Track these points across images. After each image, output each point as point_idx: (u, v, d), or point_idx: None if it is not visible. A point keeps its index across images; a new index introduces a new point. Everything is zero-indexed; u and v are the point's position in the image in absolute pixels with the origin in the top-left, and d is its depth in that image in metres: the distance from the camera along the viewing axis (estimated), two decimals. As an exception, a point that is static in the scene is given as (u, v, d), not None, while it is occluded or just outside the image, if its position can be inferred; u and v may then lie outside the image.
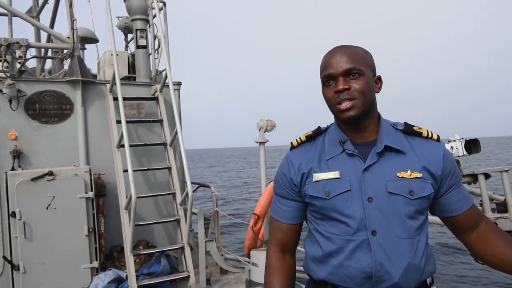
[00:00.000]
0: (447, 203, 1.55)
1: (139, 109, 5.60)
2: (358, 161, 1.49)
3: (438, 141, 1.55)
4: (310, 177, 1.54)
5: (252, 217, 5.04)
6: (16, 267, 4.36)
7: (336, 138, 1.56)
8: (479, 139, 4.70)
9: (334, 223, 1.49)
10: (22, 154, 4.84)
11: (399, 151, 1.49)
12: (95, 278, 4.46)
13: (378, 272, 1.40)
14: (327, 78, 1.50)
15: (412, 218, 1.45)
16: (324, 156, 1.55)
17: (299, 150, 1.64)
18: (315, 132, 1.65)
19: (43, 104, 4.99)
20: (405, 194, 1.43)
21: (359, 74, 1.46)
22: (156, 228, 5.53)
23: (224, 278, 5.23)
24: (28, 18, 5.92)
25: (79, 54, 5.46)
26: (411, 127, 1.56)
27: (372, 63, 1.54)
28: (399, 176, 1.45)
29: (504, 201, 4.53)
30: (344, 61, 1.46)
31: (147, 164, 5.57)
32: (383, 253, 1.41)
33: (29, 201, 4.40)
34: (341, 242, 1.46)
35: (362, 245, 1.43)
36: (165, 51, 5.41)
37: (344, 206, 1.46)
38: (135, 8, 6.02)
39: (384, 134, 1.52)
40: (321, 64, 1.55)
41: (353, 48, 1.52)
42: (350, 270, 1.44)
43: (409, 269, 1.42)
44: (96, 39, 8.03)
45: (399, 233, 1.43)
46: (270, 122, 5.65)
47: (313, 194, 1.52)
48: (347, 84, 1.45)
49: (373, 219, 1.43)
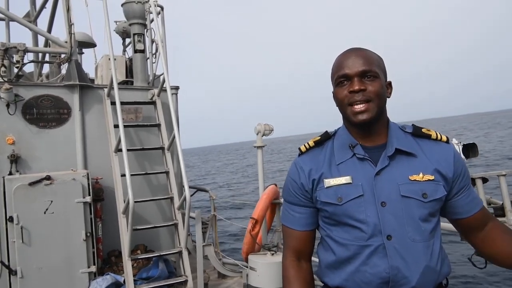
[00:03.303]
0: (458, 205, 1.54)
1: (137, 114, 5.60)
2: (369, 165, 1.48)
3: (448, 143, 1.54)
4: (321, 183, 1.52)
5: (250, 221, 5.04)
6: (13, 272, 4.33)
7: (345, 142, 1.54)
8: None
9: (347, 229, 1.47)
10: (20, 159, 4.83)
11: (410, 153, 1.49)
12: (92, 282, 4.44)
13: (396, 277, 1.40)
14: (342, 78, 1.49)
15: (426, 221, 1.44)
16: (334, 161, 1.54)
17: (308, 156, 1.62)
18: (323, 137, 1.63)
19: (41, 109, 4.99)
20: (419, 197, 1.43)
21: (375, 76, 1.46)
22: (154, 233, 5.51)
23: (222, 283, 5.23)
24: (25, 23, 5.92)
25: (77, 58, 5.45)
26: (419, 130, 1.55)
27: (384, 68, 1.54)
28: (411, 179, 1.44)
29: (502, 205, 4.53)
30: (360, 63, 1.46)
31: (145, 168, 5.56)
32: (399, 257, 1.40)
33: (26, 205, 4.39)
34: (355, 248, 1.45)
35: (377, 250, 1.42)
36: (163, 55, 5.42)
37: (357, 212, 1.45)
38: (132, 12, 6.02)
39: (394, 137, 1.51)
40: (334, 65, 1.54)
41: (368, 51, 1.52)
42: (366, 275, 1.43)
43: (426, 273, 1.42)
44: (94, 44, 8.04)
45: (414, 237, 1.42)
46: (268, 126, 5.66)
47: (325, 200, 1.50)
48: (363, 85, 1.45)
49: (388, 224, 1.42)
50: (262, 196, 5.19)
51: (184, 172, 4.65)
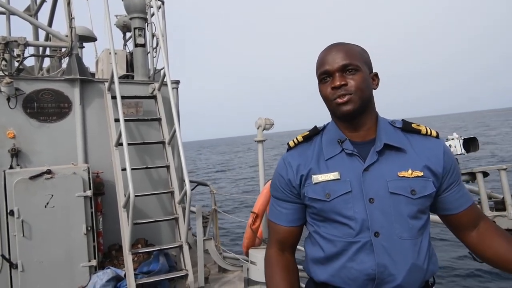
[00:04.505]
0: (447, 201, 1.53)
1: (138, 108, 5.60)
2: (358, 161, 1.46)
3: (437, 138, 1.53)
4: (309, 178, 1.51)
5: (250, 215, 5.04)
6: (14, 266, 4.35)
7: (334, 138, 1.53)
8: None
9: (335, 225, 1.46)
10: (21, 153, 4.83)
11: (399, 149, 1.47)
12: (93, 276, 4.45)
13: (382, 274, 1.39)
14: (323, 74, 1.49)
15: (414, 218, 1.43)
16: (322, 156, 1.52)
17: (296, 151, 1.60)
18: (311, 132, 1.62)
19: (42, 103, 4.98)
20: (407, 193, 1.41)
21: (356, 70, 1.45)
22: (155, 227, 5.52)
23: (222, 277, 5.23)
24: (26, 17, 5.90)
25: (77, 52, 5.44)
26: (409, 124, 1.54)
27: (368, 60, 1.53)
28: (400, 175, 1.43)
29: (502, 199, 4.53)
30: (340, 57, 1.45)
31: (145, 162, 5.56)
32: (386, 254, 1.39)
33: (27, 199, 4.39)
34: (342, 244, 1.44)
35: (364, 246, 1.41)
36: (164, 49, 5.41)
37: (345, 208, 1.43)
38: (133, 6, 6.01)
39: (383, 132, 1.49)
40: (317, 61, 1.54)
41: (349, 44, 1.51)
42: (352, 272, 1.42)
43: (412, 270, 1.40)
44: (94, 38, 8.03)
45: (402, 234, 1.41)
46: (269, 120, 5.65)
47: (313, 196, 1.49)
48: (344, 80, 1.44)
49: (375, 220, 1.41)
50: (262, 190, 5.19)
51: (185, 166, 4.64)
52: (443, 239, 9.72)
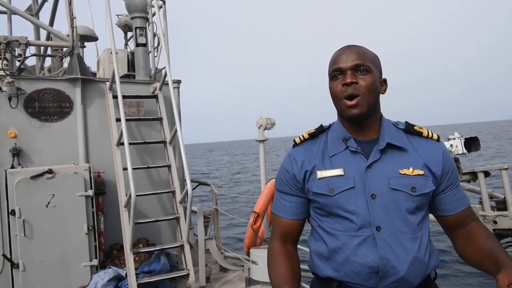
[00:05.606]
0: (443, 202, 1.58)
1: (139, 107, 5.60)
2: (361, 158, 1.52)
3: (438, 141, 1.59)
4: (314, 174, 1.56)
5: (251, 215, 5.04)
6: (15, 265, 4.35)
7: (339, 136, 1.59)
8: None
9: (337, 220, 1.51)
10: (22, 152, 4.83)
11: (401, 148, 1.53)
12: (94, 276, 4.46)
13: (385, 267, 1.43)
14: (336, 71, 1.53)
15: (412, 214, 1.48)
16: (327, 153, 1.58)
17: (301, 148, 1.66)
18: (317, 130, 1.67)
19: (43, 102, 4.98)
20: (408, 190, 1.47)
21: (367, 71, 1.50)
22: (156, 226, 5.53)
23: (223, 276, 5.23)
24: (27, 16, 5.91)
25: (79, 52, 5.44)
26: (412, 127, 1.60)
27: (379, 65, 1.58)
28: (401, 173, 1.48)
29: (504, 199, 4.53)
30: (353, 57, 1.51)
31: (146, 162, 5.56)
32: (388, 248, 1.44)
33: (28, 199, 4.40)
34: (345, 238, 1.48)
35: (366, 240, 1.45)
36: (165, 49, 5.42)
37: (347, 203, 1.48)
38: (134, 6, 6.01)
39: (386, 132, 1.55)
40: (330, 60, 1.59)
41: (363, 48, 1.57)
42: (355, 265, 1.46)
43: (414, 264, 1.45)
44: (96, 37, 8.03)
45: (402, 229, 1.46)
46: (270, 120, 5.66)
47: (317, 191, 1.54)
48: (355, 78, 1.49)
49: (377, 216, 1.45)
50: (263, 190, 5.19)
51: (186, 166, 4.65)
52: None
